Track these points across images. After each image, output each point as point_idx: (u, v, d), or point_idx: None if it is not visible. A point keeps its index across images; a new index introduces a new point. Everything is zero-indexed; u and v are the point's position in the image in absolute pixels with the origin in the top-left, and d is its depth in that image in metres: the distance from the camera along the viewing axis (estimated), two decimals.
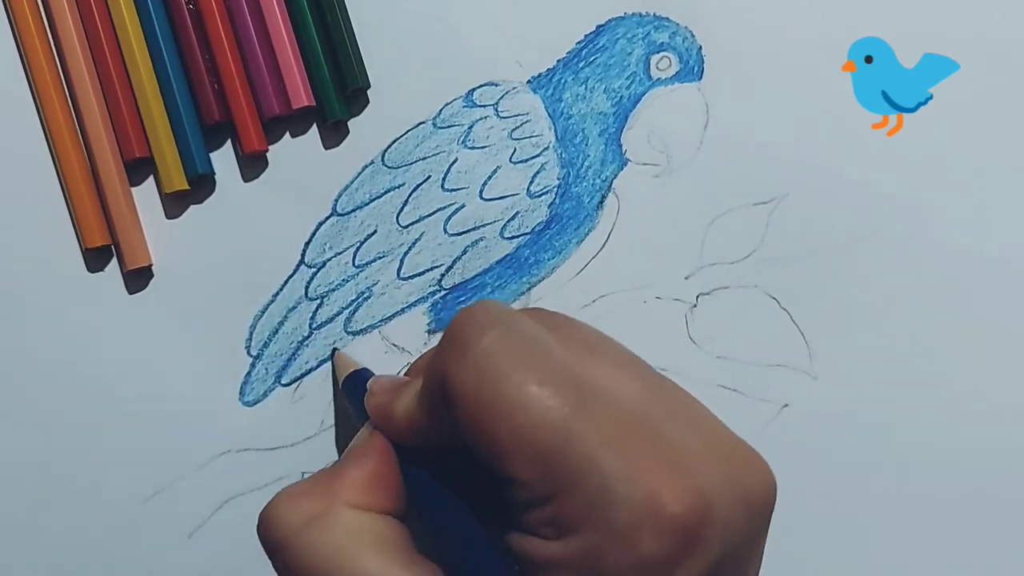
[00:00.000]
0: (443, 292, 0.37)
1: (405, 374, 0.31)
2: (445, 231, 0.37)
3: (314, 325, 0.36)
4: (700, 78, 0.38)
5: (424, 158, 0.37)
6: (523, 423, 0.23)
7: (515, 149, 0.37)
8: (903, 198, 0.38)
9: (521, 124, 0.37)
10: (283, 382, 0.36)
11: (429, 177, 0.37)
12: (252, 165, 0.37)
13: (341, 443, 0.36)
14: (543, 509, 0.23)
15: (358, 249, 0.37)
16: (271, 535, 0.26)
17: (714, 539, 0.22)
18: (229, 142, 0.37)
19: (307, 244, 0.37)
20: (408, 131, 0.37)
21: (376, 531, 0.26)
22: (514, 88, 0.38)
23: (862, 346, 0.37)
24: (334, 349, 0.37)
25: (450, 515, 0.26)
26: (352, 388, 0.32)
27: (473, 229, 0.37)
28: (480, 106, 0.37)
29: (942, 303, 0.38)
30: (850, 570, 0.37)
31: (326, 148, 0.37)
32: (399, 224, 0.37)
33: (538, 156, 0.37)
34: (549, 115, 0.38)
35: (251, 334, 0.36)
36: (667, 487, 0.22)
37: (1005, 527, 0.37)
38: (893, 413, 0.37)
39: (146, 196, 0.36)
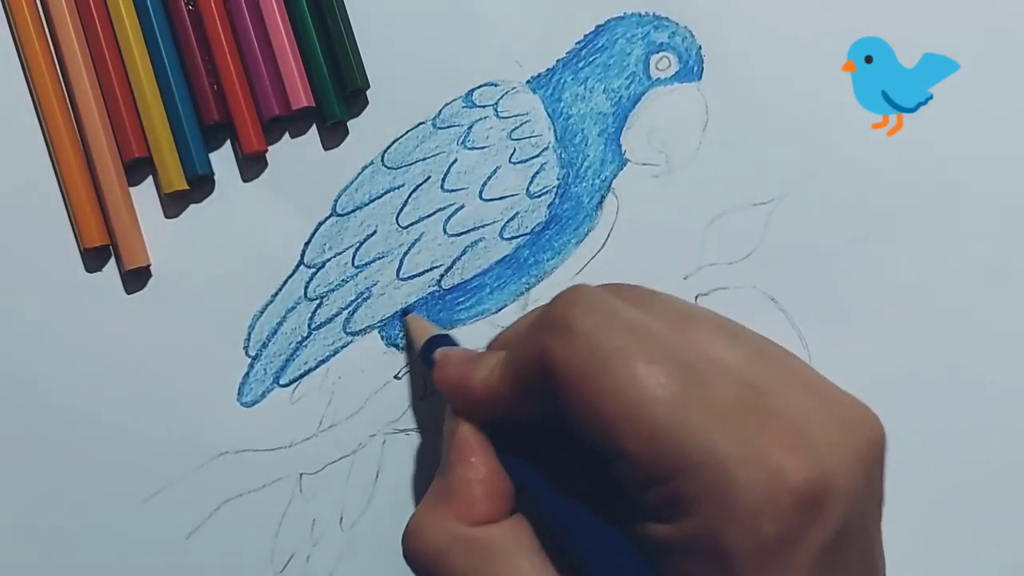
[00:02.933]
0: (442, 292, 0.37)
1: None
2: (445, 231, 0.37)
3: (313, 325, 0.36)
4: (700, 78, 0.38)
5: (424, 159, 0.37)
6: (634, 400, 0.23)
7: (514, 149, 0.37)
8: (903, 198, 0.38)
9: (520, 124, 0.37)
10: (281, 383, 0.36)
11: (429, 178, 0.37)
12: (251, 166, 0.37)
13: (416, 405, 0.37)
14: (659, 489, 0.23)
15: (357, 249, 0.37)
16: (416, 563, 0.27)
17: (836, 507, 0.22)
18: (228, 143, 0.37)
19: (306, 244, 0.37)
20: (408, 132, 0.37)
21: (505, 543, 0.26)
22: (513, 88, 0.38)
23: (861, 347, 0.37)
24: (403, 311, 0.36)
25: (555, 502, 0.26)
26: (430, 354, 0.32)
27: (473, 229, 0.37)
28: (480, 106, 0.37)
29: (941, 303, 0.38)
30: None
31: (325, 149, 0.37)
32: (399, 224, 0.37)
33: (537, 156, 0.37)
34: (548, 115, 0.37)
35: (249, 334, 0.36)
36: (784, 463, 0.22)
37: (1004, 526, 0.37)
38: (892, 413, 0.37)
39: (145, 196, 0.36)
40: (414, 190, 0.37)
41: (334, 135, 0.37)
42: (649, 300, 0.26)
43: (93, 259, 0.36)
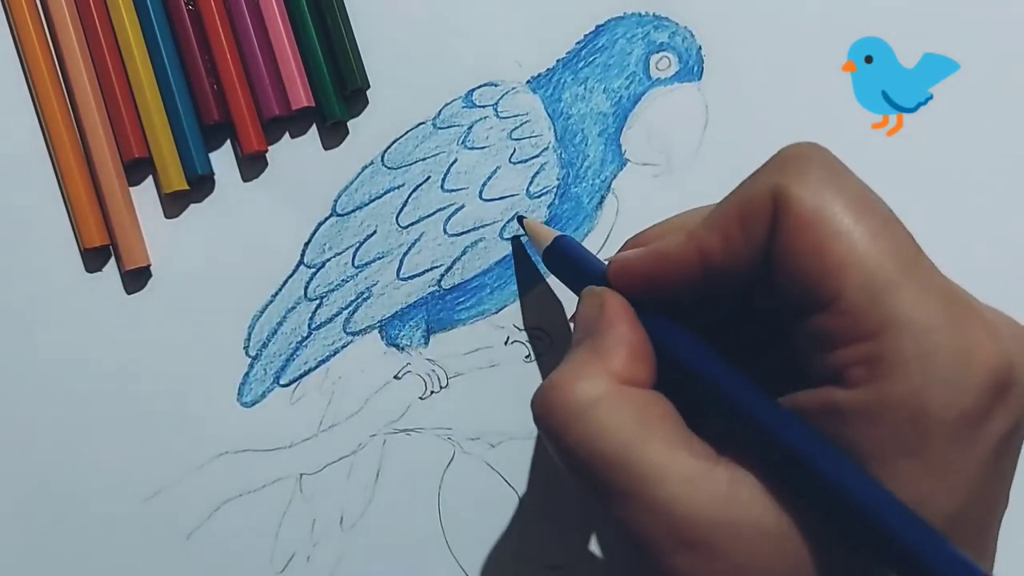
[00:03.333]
0: (442, 292, 0.37)
1: (637, 239, 0.31)
2: (445, 231, 0.37)
3: (313, 325, 0.36)
4: (700, 78, 0.38)
5: (424, 159, 0.37)
6: (865, 252, 0.23)
7: (515, 149, 0.37)
8: (903, 198, 0.38)
9: (521, 124, 0.37)
10: (281, 383, 0.36)
11: (429, 178, 0.37)
12: (251, 166, 0.37)
13: (529, 314, 0.37)
14: (862, 345, 0.23)
15: (357, 249, 0.37)
16: (554, 419, 0.25)
17: (1019, 399, 0.23)
18: (228, 142, 0.37)
19: (306, 244, 0.37)
20: (408, 132, 0.37)
21: (657, 407, 0.25)
22: (513, 88, 0.38)
23: None
24: (520, 216, 0.36)
25: (716, 366, 0.26)
26: (559, 254, 0.32)
27: (473, 230, 0.37)
28: (480, 106, 0.37)
29: None
30: None
31: (325, 149, 0.37)
32: (398, 224, 0.37)
33: (538, 156, 0.37)
34: (549, 115, 0.37)
35: (250, 334, 0.36)
36: (984, 343, 0.23)
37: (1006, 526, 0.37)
38: None
39: (145, 196, 0.36)
40: (414, 190, 0.37)
41: (334, 135, 0.37)
42: None
43: (93, 259, 0.36)
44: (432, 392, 0.36)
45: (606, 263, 0.29)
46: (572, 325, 0.29)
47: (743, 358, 0.26)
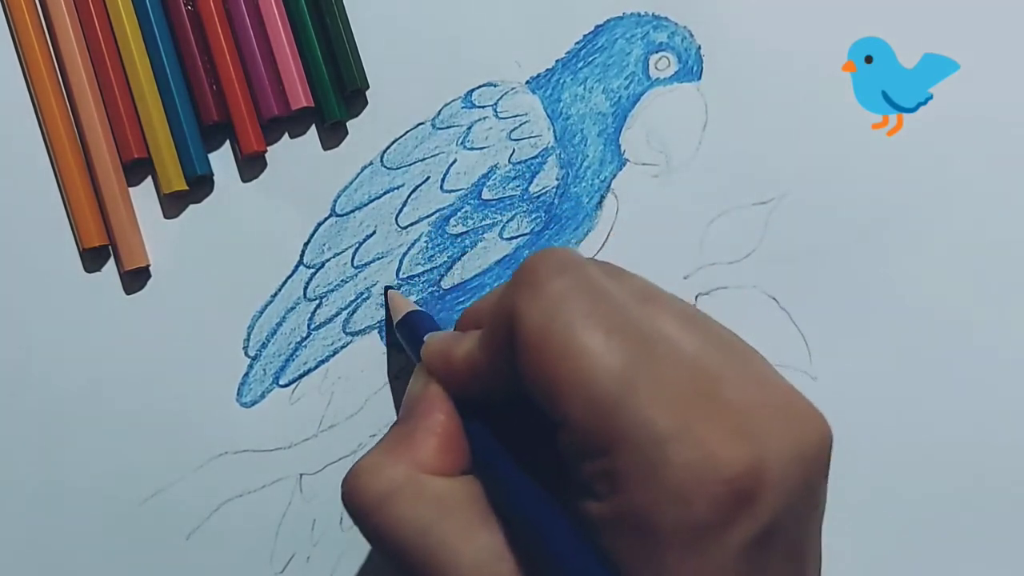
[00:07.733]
0: (442, 292, 0.37)
1: (456, 323, 0.32)
2: (444, 232, 0.37)
3: (313, 326, 0.36)
4: (699, 78, 0.38)
5: (423, 159, 0.37)
6: (585, 368, 0.23)
7: (514, 150, 0.37)
8: (903, 198, 0.38)
9: (520, 125, 0.37)
10: (281, 383, 0.36)
11: (428, 178, 0.37)
12: (251, 166, 0.37)
13: (394, 379, 0.37)
14: (597, 461, 0.23)
15: (357, 250, 0.37)
16: (356, 505, 0.26)
17: (768, 500, 0.22)
18: (228, 143, 0.37)
19: (306, 245, 0.37)
20: (407, 132, 0.37)
21: (457, 496, 0.26)
22: (513, 88, 0.38)
23: (862, 346, 0.37)
24: (387, 288, 0.36)
25: (510, 472, 0.26)
26: (408, 328, 0.33)
27: (472, 230, 0.37)
28: (479, 107, 0.37)
29: (942, 303, 0.38)
30: (849, 570, 0.37)
31: (325, 149, 0.37)
32: (398, 225, 0.37)
33: (537, 157, 0.37)
34: (548, 115, 0.37)
35: (249, 335, 0.36)
36: (720, 450, 0.22)
37: (1006, 527, 0.37)
38: (893, 413, 0.37)
39: (144, 197, 0.36)
40: (413, 190, 0.37)
41: (333, 135, 0.37)
42: (617, 275, 0.26)
43: (92, 259, 0.36)
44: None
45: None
46: None
47: (550, 451, 0.26)
